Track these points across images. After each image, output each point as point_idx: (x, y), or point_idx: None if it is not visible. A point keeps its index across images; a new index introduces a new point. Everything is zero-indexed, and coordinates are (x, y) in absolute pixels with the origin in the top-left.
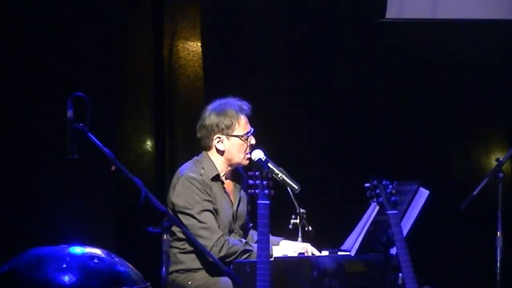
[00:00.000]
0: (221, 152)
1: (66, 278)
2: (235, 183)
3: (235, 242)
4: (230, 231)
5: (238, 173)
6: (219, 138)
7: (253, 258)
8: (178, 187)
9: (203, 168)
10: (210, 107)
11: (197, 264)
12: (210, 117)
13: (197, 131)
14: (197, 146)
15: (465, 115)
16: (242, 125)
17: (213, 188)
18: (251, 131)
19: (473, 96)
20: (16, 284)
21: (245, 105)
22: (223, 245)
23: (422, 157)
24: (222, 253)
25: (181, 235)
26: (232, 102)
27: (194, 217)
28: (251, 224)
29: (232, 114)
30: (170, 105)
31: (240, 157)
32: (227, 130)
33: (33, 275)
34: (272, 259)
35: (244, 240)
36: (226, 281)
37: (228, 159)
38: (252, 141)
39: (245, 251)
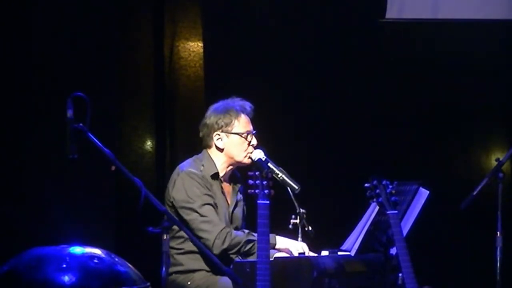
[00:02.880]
0: (220, 150)
1: (66, 278)
2: (232, 185)
3: (238, 233)
4: None
5: (235, 176)
6: (219, 135)
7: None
8: (178, 182)
9: (202, 165)
10: (213, 106)
11: (196, 264)
12: (210, 116)
13: (200, 130)
14: (197, 146)
15: (465, 115)
16: (242, 124)
17: (212, 186)
18: (253, 131)
19: (473, 96)
20: (16, 284)
21: (248, 106)
22: (225, 237)
23: (422, 157)
24: (225, 245)
25: (178, 233)
26: (235, 101)
27: (196, 211)
28: (247, 231)
29: (232, 112)
30: (171, 105)
31: (240, 156)
32: (226, 127)
33: (33, 275)
34: (272, 259)
35: (246, 231)
36: (226, 281)
37: (229, 157)
38: (254, 141)
39: (249, 241)
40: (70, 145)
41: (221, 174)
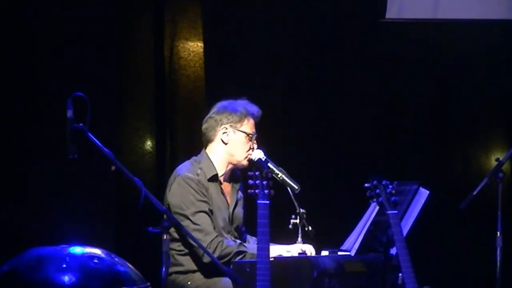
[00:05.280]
0: (224, 143)
1: (66, 278)
2: (232, 184)
3: (230, 243)
4: (226, 233)
5: (235, 175)
6: (226, 129)
7: (248, 259)
8: (174, 187)
9: (200, 168)
10: (221, 103)
11: (196, 265)
12: (220, 110)
13: (203, 123)
14: (197, 146)
15: (465, 115)
16: (249, 125)
17: (209, 189)
18: (255, 135)
19: (473, 96)
20: (16, 284)
21: (256, 111)
22: (216, 247)
23: (422, 157)
24: (215, 255)
25: (176, 235)
26: (246, 102)
27: (188, 218)
28: (244, 228)
29: (244, 111)
30: (171, 105)
31: (241, 155)
32: (235, 124)
33: (33, 275)
34: (272, 259)
35: (238, 241)
36: (225, 281)
37: (229, 155)
38: (255, 144)
39: (239, 253)
40: (70, 145)
41: (220, 174)
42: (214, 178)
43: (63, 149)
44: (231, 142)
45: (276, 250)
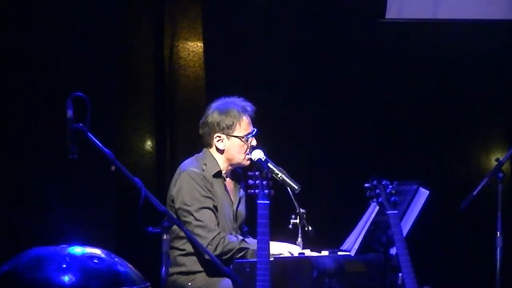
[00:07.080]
0: (221, 151)
1: (66, 278)
2: (235, 182)
3: (232, 239)
4: (231, 229)
5: (237, 173)
6: (219, 137)
7: (250, 255)
8: (179, 182)
9: (205, 164)
10: (214, 104)
11: (197, 266)
12: (212, 115)
13: (199, 128)
14: (198, 146)
15: (465, 115)
16: (243, 126)
17: (214, 185)
18: (253, 133)
19: (473, 96)
20: (16, 284)
21: (249, 106)
22: (218, 244)
23: (422, 157)
24: (217, 252)
25: (182, 233)
26: (236, 102)
27: (192, 214)
28: (247, 228)
29: (234, 114)
30: (171, 105)
31: (240, 158)
32: (227, 130)
33: (33, 275)
34: (272, 259)
35: (240, 237)
36: (226, 282)
37: (229, 159)
38: (253, 142)
39: (241, 249)
40: (70, 145)
41: (223, 172)
42: (218, 175)
43: (63, 149)
44: (227, 148)
45: (277, 247)
